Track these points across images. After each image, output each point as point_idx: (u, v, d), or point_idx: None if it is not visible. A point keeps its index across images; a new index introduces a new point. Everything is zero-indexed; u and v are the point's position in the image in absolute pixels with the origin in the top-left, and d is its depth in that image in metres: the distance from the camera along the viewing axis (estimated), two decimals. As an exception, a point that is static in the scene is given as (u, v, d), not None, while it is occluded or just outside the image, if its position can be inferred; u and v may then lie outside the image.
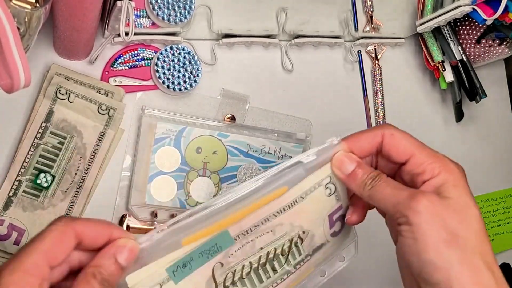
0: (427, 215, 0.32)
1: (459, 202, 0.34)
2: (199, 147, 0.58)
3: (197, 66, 0.57)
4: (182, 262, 0.34)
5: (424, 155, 0.36)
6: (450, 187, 0.34)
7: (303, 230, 0.39)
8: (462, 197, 0.34)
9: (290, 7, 0.64)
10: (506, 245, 0.78)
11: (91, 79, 0.54)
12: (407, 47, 0.74)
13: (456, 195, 0.34)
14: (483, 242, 0.32)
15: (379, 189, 0.35)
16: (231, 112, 0.60)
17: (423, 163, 0.36)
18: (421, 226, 0.32)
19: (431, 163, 0.35)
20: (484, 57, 0.73)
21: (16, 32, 0.33)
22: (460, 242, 0.32)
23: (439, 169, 0.35)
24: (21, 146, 0.50)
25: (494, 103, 0.82)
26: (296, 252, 0.39)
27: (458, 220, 0.33)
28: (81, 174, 0.52)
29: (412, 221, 0.32)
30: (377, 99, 0.70)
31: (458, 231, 0.32)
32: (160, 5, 0.55)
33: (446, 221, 0.32)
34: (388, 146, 0.37)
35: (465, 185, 0.35)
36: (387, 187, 0.35)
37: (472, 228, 0.33)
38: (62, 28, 0.47)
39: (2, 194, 0.49)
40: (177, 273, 0.34)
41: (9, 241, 0.49)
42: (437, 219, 0.32)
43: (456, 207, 0.33)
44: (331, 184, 0.39)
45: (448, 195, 0.34)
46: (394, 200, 0.34)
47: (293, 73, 0.65)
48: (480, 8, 0.61)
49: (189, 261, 0.34)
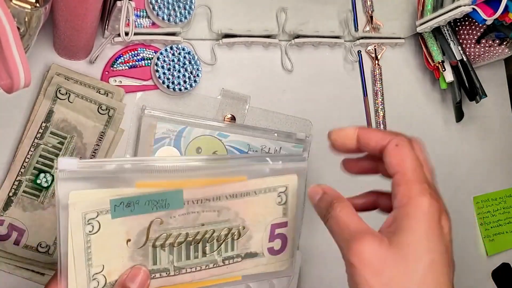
0: (364, 265, 0.30)
1: (405, 253, 0.30)
2: (199, 147, 0.58)
3: (197, 66, 0.57)
4: (127, 201, 0.34)
5: (405, 178, 0.32)
6: (404, 231, 0.30)
7: (244, 225, 0.39)
8: (411, 247, 0.30)
9: (290, 7, 0.64)
10: (506, 245, 0.78)
11: (91, 79, 0.54)
12: (407, 47, 0.74)
13: (405, 243, 0.30)
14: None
15: (332, 222, 0.33)
16: (231, 112, 0.60)
17: (400, 186, 0.32)
18: (356, 275, 0.30)
19: (406, 189, 0.32)
20: (484, 57, 0.73)
21: (16, 32, 0.33)
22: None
23: (407, 199, 0.31)
24: (21, 146, 0.50)
25: (494, 103, 0.82)
26: (230, 245, 0.39)
27: (401, 272, 0.29)
28: (81, 174, 0.52)
29: (349, 266, 0.31)
30: (377, 99, 0.70)
31: (396, 285, 0.29)
32: (160, 5, 0.55)
33: (384, 274, 0.29)
34: (386, 154, 0.35)
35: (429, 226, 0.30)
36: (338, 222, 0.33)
37: (415, 281, 0.29)
38: (62, 28, 0.47)
39: (2, 194, 0.49)
40: (118, 209, 0.34)
41: (9, 241, 0.49)
42: (373, 269, 0.29)
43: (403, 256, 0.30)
44: (283, 194, 0.40)
45: (397, 240, 0.30)
46: (340, 238, 0.32)
47: (293, 73, 0.65)
48: (480, 8, 0.61)
49: (134, 203, 0.34)
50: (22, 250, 0.50)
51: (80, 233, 0.33)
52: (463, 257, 0.75)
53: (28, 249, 0.50)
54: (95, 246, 0.33)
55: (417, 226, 0.30)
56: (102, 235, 0.34)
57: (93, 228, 0.33)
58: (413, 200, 0.31)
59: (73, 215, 0.32)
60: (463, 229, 0.75)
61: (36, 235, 0.50)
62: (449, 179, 0.75)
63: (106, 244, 0.34)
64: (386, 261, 0.30)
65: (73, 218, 0.32)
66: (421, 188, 0.32)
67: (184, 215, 0.37)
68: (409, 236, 0.30)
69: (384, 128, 0.69)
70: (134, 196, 0.34)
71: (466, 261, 0.75)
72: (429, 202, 0.31)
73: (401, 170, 0.33)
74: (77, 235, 0.33)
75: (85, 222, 0.33)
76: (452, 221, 0.76)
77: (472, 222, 0.77)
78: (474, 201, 0.77)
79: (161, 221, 0.36)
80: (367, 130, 0.37)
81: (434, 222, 0.31)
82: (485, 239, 0.77)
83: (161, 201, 0.35)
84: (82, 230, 0.33)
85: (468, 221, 0.76)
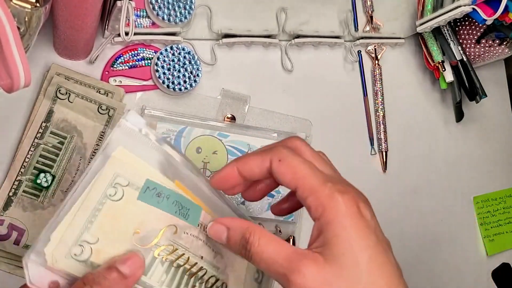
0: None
1: (342, 262, 0.28)
2: (199, 147, 0.58)
3: (197, 66, 0.57)
4: (160, 190, 0.31)
5: (307, 188, 0.31)
6: (332, 240, 0.29)
7: (227, 284, 0.36)
8: (346, 254, 0.28)
9: (290, 7, 0.64)
10: (506, 245, 0.78)
11: (91, 79, 0.54)
12: (407, 47, 0.74)
13: (339, 252, 0.29)
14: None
15: (256, 260, 0.31)
16: (231, 112, 0.60)
17: (307, 198, 0.31)
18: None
19: (315, 199, 0.30)
20: (484, 57, 0.73)
21: (16, 32, 0.33)
22: None
23: (322, 207, 0.30)
24: (21, 146, 0.50)
25: (494, 103, 0.82)
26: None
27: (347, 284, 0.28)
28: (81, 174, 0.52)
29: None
30: (377, 99, 0.70)
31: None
32: (160, 5, 0.55)
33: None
34: (275, 174, 0.32)
35: (352, 225, 0.29)
36: (263, 259, 0.30)
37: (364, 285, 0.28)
38: (62, 28, 0.47)
39: (2, 194, 0.49)
40: (148, 192, 0.31)
41: (9, 241, 0.49)
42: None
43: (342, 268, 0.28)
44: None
45: (330, 253, 0.29)
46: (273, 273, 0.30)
47: (293, 73, 0.65)
48: (480, 8, 0.61)
49: (165, 196, 0.32)
50: (22, 250, 0.50)
51: (101, 189, 0.30)
52: (463, 257, 0.75)
53: (28, 249, 0.50)
54: (104, 214, 0.30)
55: (343, 231, 0.29)
56: (117, 209, 0.30)
57: (115, 194, 0.30)
58: (327, 206, 0.30)
59: (107, 169, 0.30)
60: (463, 229, 0.76)
61: (36, 235, 0.50)
62: (449, 179, 0.75)
63: (114, 221, 0.30)
64: (328, 280, 0.28)
65: (106, 171, 0.30)
66: (327, 190, 0.30)
67: (193, 237, 0.34)
68: (339, 245, 0.29)
69: (384, 128, 0.69)
70: (168, 189, 0.32)
71: (466, 261, 0.75)
72: (342, 200, 0.30)
73: (299, 182, 0.31)
74: (96, 189, 0.30)
75: (112, 182, 0.30)
76: (452, 221, 0.77)
77: (472, 222, 0.76)
78: (474, 201, 0.77)
79: (176, 230, 0.33)
80: (244, 160, 0.34)
81: (356, 218, 0.29)
82: (485, 239, 0.77)
83: (185, 208, 0.33)
84: (104, 189, 0.30)
85: (468, 221, 0.76)
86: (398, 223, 0.70)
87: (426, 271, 0.72)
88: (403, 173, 0.71)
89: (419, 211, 0.72)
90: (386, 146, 0.69)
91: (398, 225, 0.70)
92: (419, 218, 0.72)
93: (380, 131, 0.69)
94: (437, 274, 0.72)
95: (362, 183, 0.75)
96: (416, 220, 0.72)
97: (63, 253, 0.29)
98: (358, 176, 0.70)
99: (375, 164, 0.70)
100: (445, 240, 0.73)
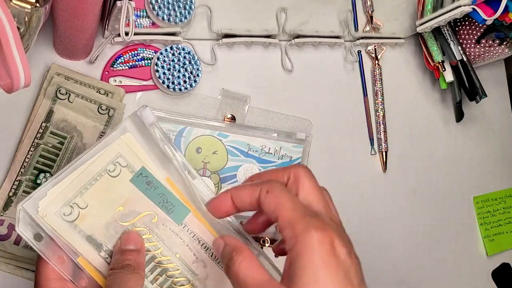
0: None
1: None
2: (199, 147, 0.58)
3: (197, 66, 0.57)
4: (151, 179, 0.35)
5: (286, 219, 0.31)
6: (299, 272, 0.29)
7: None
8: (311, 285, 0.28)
9: (290, 7, 0.64)
10: (506, 245, 0.78)
11: (91, 79, 0.54)
12: (407, 47, 0.74)
13: (304, 282, 0.28)
14: None
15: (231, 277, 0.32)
16: (231, 112, 0.60)
17: (284, 229, 0.31)
18: None
19: (290, 231, 0.30)
20: (484, 57, 0.73)
21: (16, 32, 0.33)
22: None
23: (295, 240, 0.30)
24: (21, 146, 0.50)
25: (494, 103, 0.82)
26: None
27: None
28: (81, 174, 0.52)
29: None
30: (377, 99, 0.70)
31: None
32: (160, 5, 0.55)
33: None
34: (262, 204, 0.33)
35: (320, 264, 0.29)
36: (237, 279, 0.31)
37: None
38: (62, 28, 0.47)
39: (2, 194, 0.49)
40: (139, 178, 0.35)
41: (9, 241, 0.49)
42: None
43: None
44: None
45: (297, 284, 0.29)
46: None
47: (293, 73, 0.65)
48: (480, 8, 0.61)
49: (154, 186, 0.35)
50: (22, 250, 0.50)
51: (103, 163, 0.33)
52: (463, 257, 0.75)
53: (28, 249, 0.50)
54: (98, 186, 0.33)
55: (310, 264, 0.29)
56: (111, 183, 0.34)
57: (113, 170, 0.34)
58: (300, 239, 0.30)
59: (113, 147, 0.33)
60: (463, 229, 0.76)
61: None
62: (449, 179, 0.75)
63: (105, 193, 0.34)
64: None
65: (111, 149, 0.33)
66: (304, 224, 0.30)
67: (172, 232, 0.37)
68: (304, 277, 0.29)
69: (384, 128, 0.69)
70: (158, 181, 0.35)
71: (466, 261, 0.75)
72: (316, 235, 0.29)
73: (280, 214, 0.31)
74: (99, 161, 0.33)
75: (113, 160, 0.34)
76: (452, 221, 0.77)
77: (472, 222, 0.76)
78: (474, 201, 0.77)
79: (155, 219, 0.36)
80: (238, 190, 0.35)
81: (326, 255, 0.29)
82: (485, 239, 0.77)
83: (169, 203, 0.36)
84: (106, 164, 0.33)
85: (468, 221, 0.76)
86: (398, 223, 0.70)
87: (426, 271, 0.72)
88: (403, 173, 0.71)
89: (419, 211, 0.72)
90: (386, 146, 0.69)
91: (398, 225, 0.70)
92: (419, 218, 0.72)
93: (380, 131, 0.69)
94: (437, 274, 0.72)
95: (362, 183, 0.75)
96: (416, 220, 0.72)
97: (54, 210, 0.33)
98: (358, 176, 0.70)
99: (375, 164, 0.70)
100: (445, 240, 0.73)
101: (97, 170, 0.33)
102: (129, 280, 0.33)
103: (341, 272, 0.29)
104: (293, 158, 0.62)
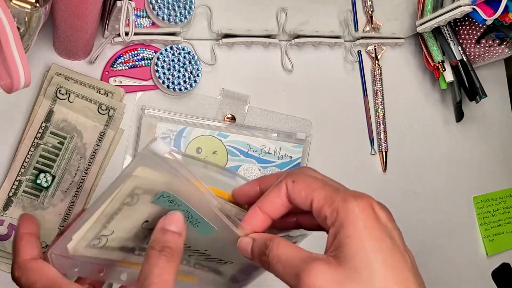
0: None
1: (355, 263, 0.28)
2: (199, 147, 0.58)
3: (197, 66, 0.57)
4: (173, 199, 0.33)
5: (322, 198, 0.31)
6: (345, 241, 0.29)
7: None
8: (358, 254, 0.28)
9: (290, 7, 0.64)
10: (506, 245, 0.78)
11: (91, 79, 0.54)
12: (407, 47, 0.74)
13: (351, 253, 0.28)
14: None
15: (274, 263, 0.31)
16: (231, 112, 0.60)
17: (323, 207, 0.31)
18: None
19: (329, 206, 0.31)
20: (484, 57, 0.73)
21: (16, 32, 0.33)
22: None
23: (336, 212, 0.30)
24: (21, 146, 0.50)
25: (494, 103, 0.82)
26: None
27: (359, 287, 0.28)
28: (81, 174, 0.52)
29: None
30: (377, 99, 0.70)
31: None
32: (160, 5, 0.55)
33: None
34: (292, 196, 0.33)
35: (366, 226, 0.29)
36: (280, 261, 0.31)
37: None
38: (62, 28, 0.47)
39: (2, 194, 0.49)
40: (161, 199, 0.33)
41: (9, 241, 0.49)
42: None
43: (354, 270, 0.28)
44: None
45: (342, 254, 0.29)
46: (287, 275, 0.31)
47: (293, 73, 0.65)
48: (480, 8, 0.61)
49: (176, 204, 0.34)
50: (22, 250, 0.50)
51: (120, 200, 0.33)
52: (463, 257, 0.75)
53: (28, 249, 0.50)
54: (121, 215, 0.33)
55: (355, 231, 0.29)
56: (132, 209, 0.33)
57: (131, 200, 0.33)
58: (341, 209, 0.30)
59: (128, 185, 0.32)
60: (463, 229, 0.76)
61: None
62: (449, 179, 0.75)
63: (129, 217, 0.34)
64: (340, 281, 0.28)
65: (126, 187, 0.32)
66: (341, 196, 0.30)
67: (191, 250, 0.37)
68: (351, 245, 0.29)
69: (384, 128, 0.69)
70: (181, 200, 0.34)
71: (466, 261, 0.75)
72: (356, 202, 0.30)
73: (314, 195, 0.32)
74: (117, 201, 0.33)
75: (131, 193, 0.33)
76: (452, 221, 0.77)
77: (472, 222, 0.76)
78: (474, 201, 0.77)
79: None
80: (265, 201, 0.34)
81: (370, 220, 0.29)
82: (485, 239, 0.77)
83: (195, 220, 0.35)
84: (123, 199, 0.33)
85: (468, 221, 0.76)
86: (398, 223, 0.70)
87: (426, 271, 0.72)
88: (403, 173, 0.71)
89: (419, 211, 0.72)
90: (386, 146, 0.69)
91: (398, 225, 0.70)
92: (419, 218, 0.72)
93: (380, 131, 0.69)
94: (437, 274, 0.72)
95: (362, 183, 0.75)
96: (416, 220, 0.72)
97: (83, 245, 0.33)
98: (358, 176, 0.70)
99: (375, 164, 0.70)
100: (445, 240, 0.73)
101: (116, 207, 0.33)
102: (165, 273, 0.31)
103: (387, 237, 0.30)
104: (293, 158, 0.62)
